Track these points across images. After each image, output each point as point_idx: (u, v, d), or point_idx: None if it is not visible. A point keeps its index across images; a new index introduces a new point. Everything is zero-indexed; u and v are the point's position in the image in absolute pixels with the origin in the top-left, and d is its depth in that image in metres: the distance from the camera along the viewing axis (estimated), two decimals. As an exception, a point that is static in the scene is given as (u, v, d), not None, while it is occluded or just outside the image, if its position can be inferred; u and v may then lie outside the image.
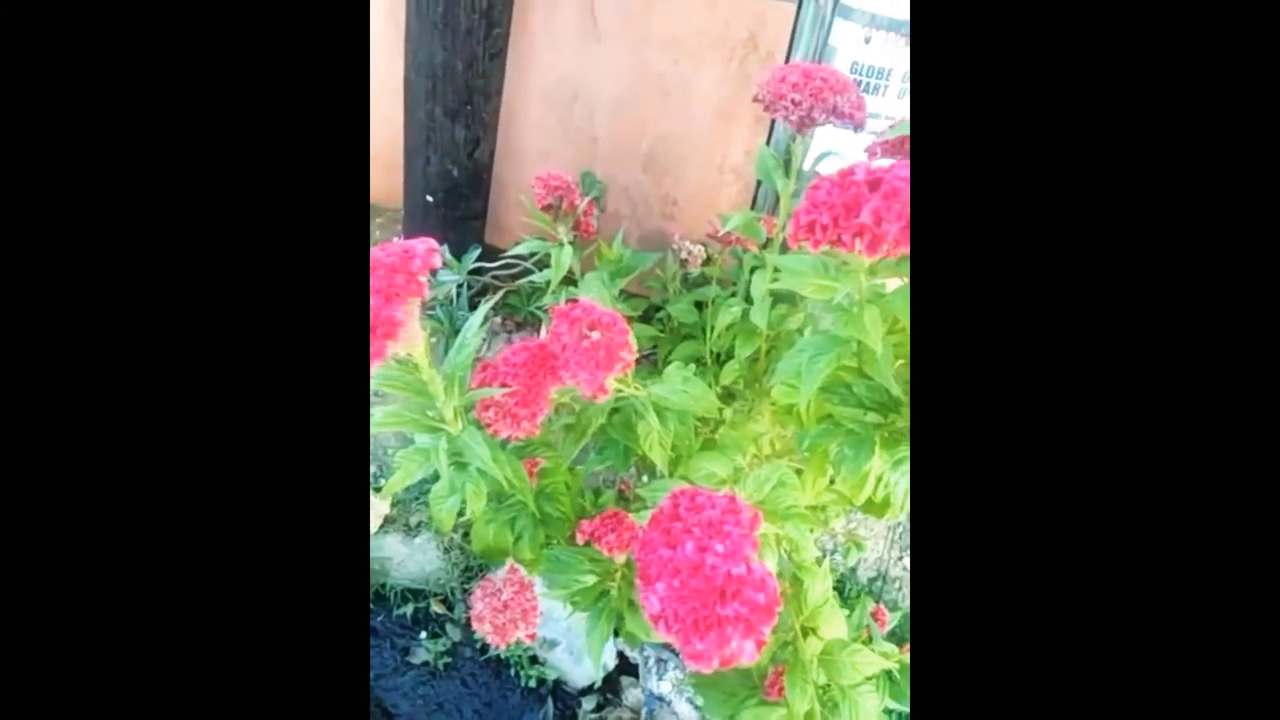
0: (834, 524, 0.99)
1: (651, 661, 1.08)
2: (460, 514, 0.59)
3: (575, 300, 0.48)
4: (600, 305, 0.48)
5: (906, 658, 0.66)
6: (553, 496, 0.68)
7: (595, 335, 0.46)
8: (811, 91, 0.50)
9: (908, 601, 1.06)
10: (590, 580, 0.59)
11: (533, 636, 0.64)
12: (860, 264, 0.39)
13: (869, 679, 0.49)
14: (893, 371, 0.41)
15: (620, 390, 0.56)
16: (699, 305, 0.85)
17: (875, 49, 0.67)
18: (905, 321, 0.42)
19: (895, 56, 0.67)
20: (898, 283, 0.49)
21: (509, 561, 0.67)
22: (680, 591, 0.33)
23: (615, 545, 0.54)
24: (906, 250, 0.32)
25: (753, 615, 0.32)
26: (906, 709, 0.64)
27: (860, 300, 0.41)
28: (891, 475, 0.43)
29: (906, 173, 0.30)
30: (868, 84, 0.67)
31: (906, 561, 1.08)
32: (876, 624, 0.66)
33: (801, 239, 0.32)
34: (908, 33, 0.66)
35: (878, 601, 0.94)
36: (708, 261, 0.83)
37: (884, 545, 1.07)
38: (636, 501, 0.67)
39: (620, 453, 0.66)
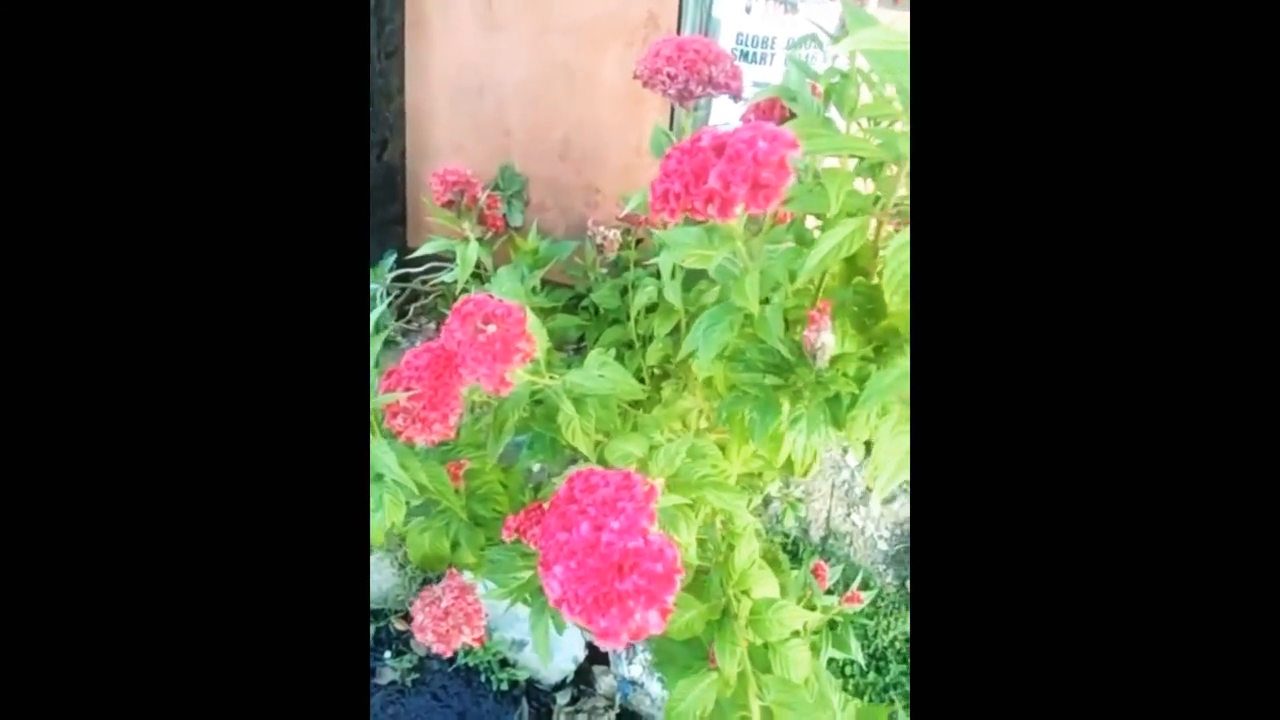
0: (769, 489, 1.02)
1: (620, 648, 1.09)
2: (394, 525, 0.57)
3: (469, 295, 0.47)
4: (495, 298, 0.47)
5: (848, 607, 0.69)
6: (486, 497, 0.67)
7: (490, 329, 0.45)
8: (685, 64, 0.50)
9: (858, 555, 1.10)
10: (527, 575, 0.58)
11: (480, 640, 0.63)
12: (735, 230, 0.39)
13: (799, 633, 0.50)
14: (780, 333, 0.42)
15: (534, 382, 0.55)
16: (623, 290, 0.85)
17: (757, 18, 0.67)
18: (788, 284, 0.43)
19: (778, 25, 0.68)
20: (788, 246, 0.50)
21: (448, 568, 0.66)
22: (578, 572, 0.33)
23: (540, 538, 0.53)
24: (763, 211, 0.32)
25: (652, 586, 0.32)
26: (850, 656, 0.67)
27: (744, 267, 0.42)
28: (789, 434, 0.44)
29: (749, 134, 0.31)
30: (753, 53, 0.68)
31: (855, 518, 1.11)
32: (816, 580, 0.68)
33: (659, 209, 0.32)
34: (788, 0, 0.67)
35: (828, 558, 0.97)
36: (625, 246, 0.83)
37: (830, 504, 1.11)
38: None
39: (548, 445, 0.66)
